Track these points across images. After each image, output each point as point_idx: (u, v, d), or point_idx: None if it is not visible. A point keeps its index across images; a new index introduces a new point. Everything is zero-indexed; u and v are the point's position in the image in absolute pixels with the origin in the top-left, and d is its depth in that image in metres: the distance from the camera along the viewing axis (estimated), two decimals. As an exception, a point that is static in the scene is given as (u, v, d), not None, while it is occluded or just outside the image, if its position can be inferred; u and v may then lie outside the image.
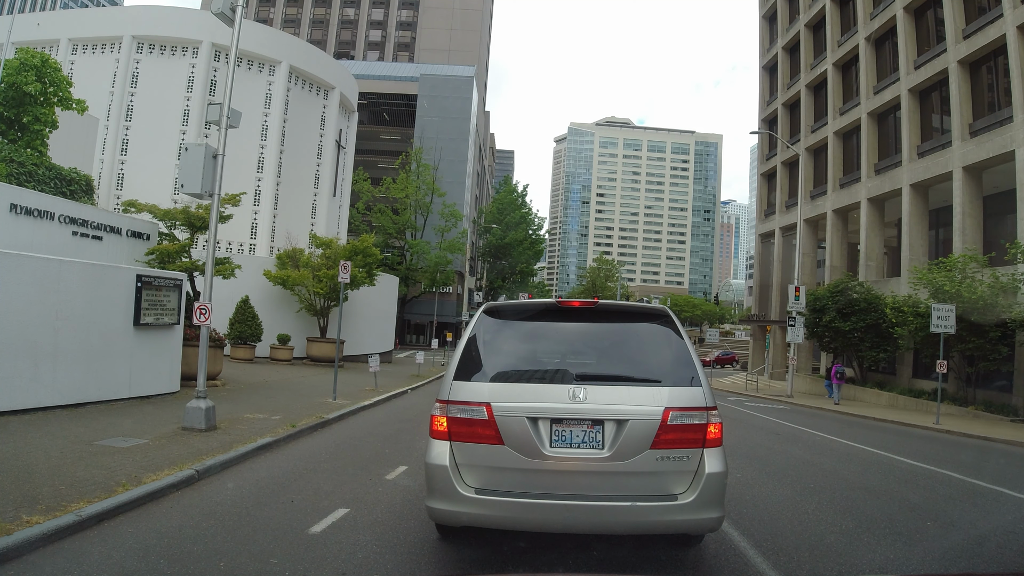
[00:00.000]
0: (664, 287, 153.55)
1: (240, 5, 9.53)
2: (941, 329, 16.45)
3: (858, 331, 23.46)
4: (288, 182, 36.58)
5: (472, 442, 3.94)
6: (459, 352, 4.26)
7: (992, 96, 21.67)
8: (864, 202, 27.32)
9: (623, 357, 4.35)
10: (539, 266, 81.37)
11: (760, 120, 40.20)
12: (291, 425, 9.70)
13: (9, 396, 8.73)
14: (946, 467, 9.49)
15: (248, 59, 34.07)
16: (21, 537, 4.21)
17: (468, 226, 58.78)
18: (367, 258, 25.19)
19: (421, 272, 49.36)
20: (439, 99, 61.85)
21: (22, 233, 11.31)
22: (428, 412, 4.24)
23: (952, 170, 22.11)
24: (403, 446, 9.04)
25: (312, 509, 5.55)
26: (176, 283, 11.89)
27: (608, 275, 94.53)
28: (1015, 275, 17.64)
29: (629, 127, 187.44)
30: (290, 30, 70.05)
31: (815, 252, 33.54)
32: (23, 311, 8.96)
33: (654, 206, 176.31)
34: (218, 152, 9.24)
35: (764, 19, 40.91)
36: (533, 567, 4.38)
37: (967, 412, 18.75)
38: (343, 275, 14.29)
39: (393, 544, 4.72)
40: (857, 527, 5.76)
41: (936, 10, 24.25)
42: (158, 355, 11.53)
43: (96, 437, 7.73)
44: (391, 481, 6.80)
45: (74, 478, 5.80)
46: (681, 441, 3.89)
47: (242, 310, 21.20)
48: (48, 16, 44.15)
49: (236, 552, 4.46)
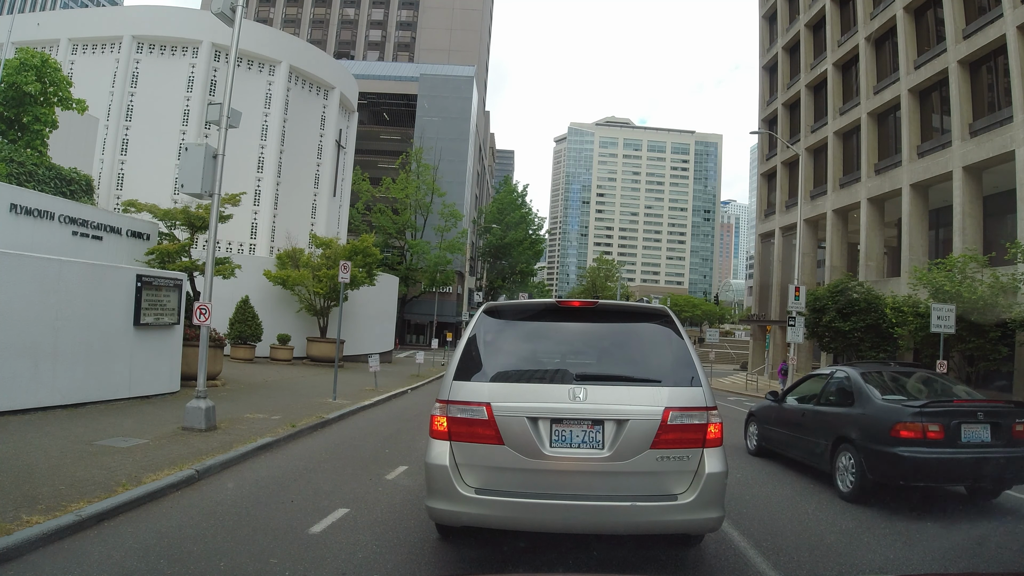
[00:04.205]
0: (664, 287, 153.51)
1: (240, 5, 9.53)
2: (941, 329, 16.44)
3: (858, 331, 23.44)
4: (288, 182, 36.57)
5: (472, 442, 3.94)
6: (459, 352, 4.26)
7: (992, 96, 21.68)
8: (864, 202, 27.32)
9: (623, 357, 4.35)
10: (539, 266, 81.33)
11: (760, 120, 40.20)
12: (291, 425, 9.70)
13: (9, 396, 8.73)
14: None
15: (248, 59, 34.06)
16: (21, 537, 4.21)
17: (468, 226, 58.76)
18: (367, 258, 25.19)
19: (421, 272, 49.35)
20: (439, 99, 61.84)
21: (22, 233, 11.30)
22: (428, 412, 4.24)
23: (952, 170, 22.11)
24: (403, 446, 9.04)
25: (312, 509, 5.55)
26: (176, 283, 11.89)
27: (608, 275, 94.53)
28: (1015, 275, 17.64)
29: (629, 127, 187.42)
30: (290, 30, 70.02)
31: (815, 252, 33.54)
32: (23, 311, 8.96)
33: (654, 206, 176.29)
34: (218, 152, 9.24)
35: (764, 19, 40.91)
36: (533, 567, 4.38)
37: (967, 412, 18.73)
38: (343, 275, 14.29)
39: (393, 544, 4.72)
40: (857, 527, 5.76)
41: (936, 10, 24.24)
42: (158, 355, 11.53)
43: (96, 437, 7.73)
44: (391, 481, 6.81)
45: (74, 478, 5.80)
46: (681, 441, 3.89)
47: (242, 310, 21.20)
48: (48, 16, 44.12)
49: (236, 552, 4.46)
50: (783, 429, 8.81)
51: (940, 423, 6.43)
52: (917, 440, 6.43)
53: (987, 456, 6.43)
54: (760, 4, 41.52)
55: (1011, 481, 6.76)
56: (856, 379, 7.65)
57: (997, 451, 6.45)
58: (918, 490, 7.09)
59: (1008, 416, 6.65)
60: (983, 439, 6.47)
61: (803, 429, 8.24)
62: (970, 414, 6.58)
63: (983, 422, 6.53)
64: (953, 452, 6.39)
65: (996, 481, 6.77)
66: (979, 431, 6.49)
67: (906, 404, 6.84)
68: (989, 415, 6.59)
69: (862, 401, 7.28)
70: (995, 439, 6.48)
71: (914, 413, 6.55)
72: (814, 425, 8.00)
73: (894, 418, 6.63)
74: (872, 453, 6.68)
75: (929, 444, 6.41)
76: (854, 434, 7.04)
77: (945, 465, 6.39)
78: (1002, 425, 6.55)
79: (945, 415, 6.50)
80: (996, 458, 6.43)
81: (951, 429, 6.43)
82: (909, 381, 8.11)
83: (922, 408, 6.58)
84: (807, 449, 8.08)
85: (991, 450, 6.45)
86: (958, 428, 6.45)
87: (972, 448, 6.44)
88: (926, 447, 6.40)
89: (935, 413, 6.51)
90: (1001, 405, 6.92)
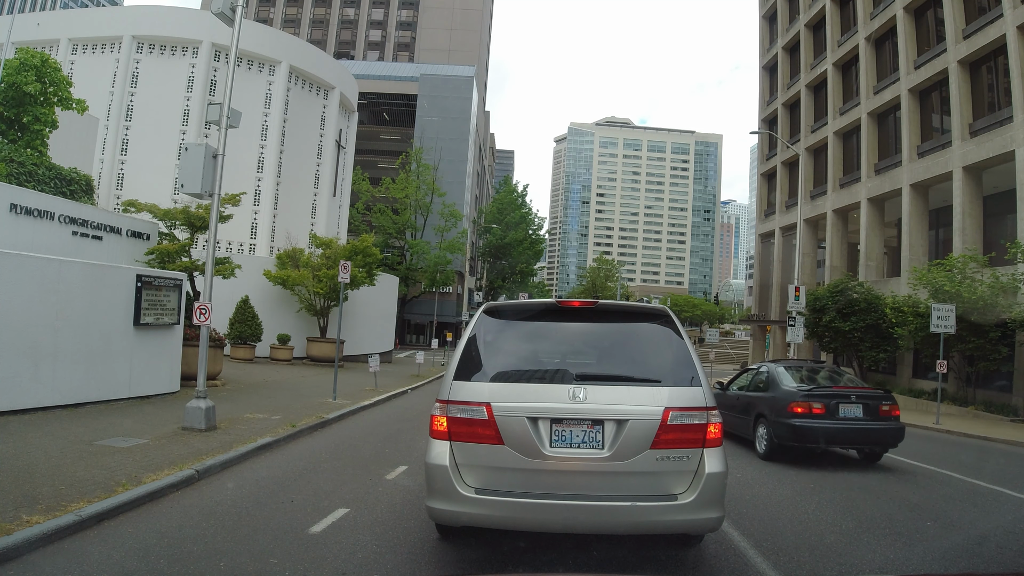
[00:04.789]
0: (664, 287, 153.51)
1: (240, 5, 9.52)
2: (941, 329, 16.44)
3: (858, 331, 23.44)
4: (288, 182, 36.57)
5: (472, 442, 3.94)
6: (459, 352, 4.26)
7: (992, 96, 21.68)
8: (864, 202, 27.32)
9: (623, 357, 4.35)
10: (539, 266, 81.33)
11: (760, 120, 40.20)
12: (291, 425, 9.70)
13: (9, 396, 8.73)
14: (946, 467, 9.50)
15: (248, 59, 34.06)
16: (21, 537, 4.21)
17: (468, 226, 58.74)
18: (367, 258, 25.18)
19: (421, 272, 49.34)
20: (439, 99, 61.83)
21: (22, 233, 11.30)
22: (428, 412, 4.24)
23: (952, 170, 22.11)
24: (403, 446, 9.04)
25: (312, 509, 5.55)
26: (176, 283, 11.89)
27: (608, 275, 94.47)
28: (1015, 275, 17.64)
29: (629, 127, 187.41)
30: (290, 30, 70.02)
31: (815, 252, 33.54)
32: (23, 311, 8.96)
33: (654, 206, 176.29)
34: (218, 152, 9.24)
35: (764, 19, 40.91)
36: (533, 567, 4.38)
37: (967, 412, 18.75)
38: (343, 275, 14.29)
39: (393, 544, 4.72)
40: (857, 527, 5.76)
41: (936, 10, 24.24)
42: (158, 355, 11.53)
43: (96, 437, 7.73)
44: (391, 481, 6.81)
45: (74, 478, 5.80)
46: (681, 441, 3.89)
47: (242, 310, 21.19)
48: (48, 16, 44.11)
49: (236, 552, 4.46)
50: (726, 411, 10.29)
51: (823, 403, 8.77)
52: (805, 414, 8.69)
53: (858, 427, 8.83)
54: (760, 4, 41.52)
55: (881, 446, 9.19)
56: (772, 371, 10.03)
57: (866, 424, 8.86)
58: (918, 490, 7.59)
59: (876, 399, 9.02)
60: (856, 415, 8.86)
61: (738, 410, 10.41)
62: (845, 396, 8.95)
63: (856, 403, 8.89)
64: (832, 423, 8.74)
65: (869, 445, 9.20)
66: (853, 409, 8.88)
67: (800, 389, 9.07)
68: (861, 398, 8.98)
69: (773, 387, 9.62)
70: (865, 415, 8.88)
71: (804, 395, 8.85)
72: (744, 406, 10.24)
73: (790, 399, 8.90)
74: (776, 424, 8.96)
75: (814, 417, 8.68)
76: (766, 411, 9.33)
77: (827, 432, 8.70)
78: (871, 405, 8.93)
79: (827, 397, 8.86)
80: (866, 429, 8.86)
81: (831, 407, 8.78)
82: (816, 375, 10.40)
83: (810, 392, 8.95)
84: (740, 424, 10.19)
85: (862, 423, 8.85)
86: (836, 406, 8.80)
87: (847, 421, 8.81)
88: (812, 419, 8.66)
89: (819, 395, 8.89)
90: (870, 391, 9.30)
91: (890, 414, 9.03)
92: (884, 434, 8.93)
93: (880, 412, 8.94)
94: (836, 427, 8.69)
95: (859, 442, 9.09)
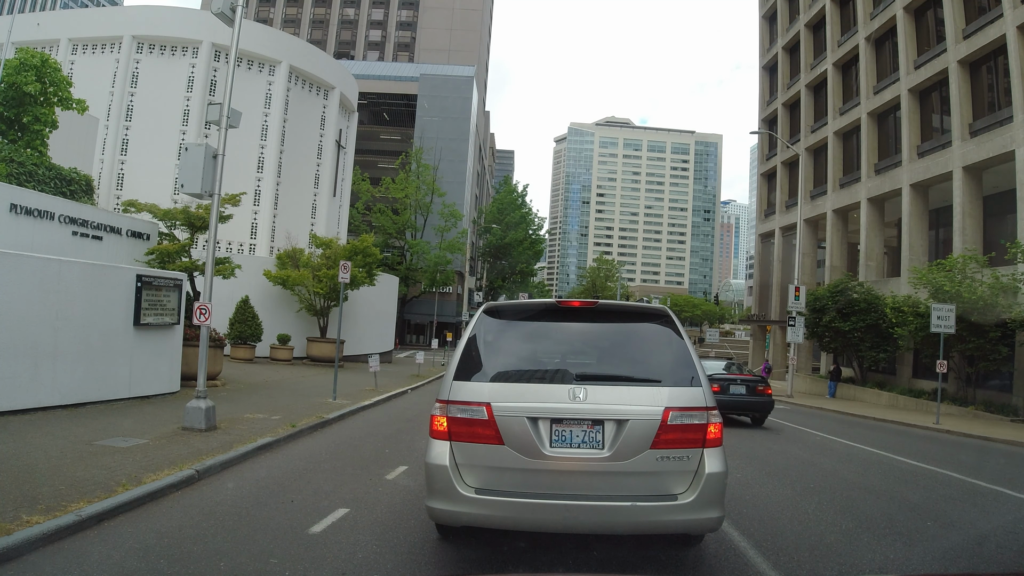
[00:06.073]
0: (664, 287, 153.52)
1: (240, 5, 9.52)
2: (941, 329, 16.44)
3: (858, 331, 23.45)
4: (288, 182, 36.57)
5: (472, 442, 3.94)
6: (459, 352, 4.25)
7: (992, 96, 21.68)
8: (864, 202, 27.32)
9: (623, 357, 4.34)
10: (539, 266, 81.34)
11: (760, 120, 40.21)
12: (291, 425, 9.70)
13: (9, 396, 8.73)
14: (946, 467, 9.50)
15: (248, 59, 34.05)
16: (21, 537, 4.21)
17: (468, 226, 58.75)
18: (367, 258, 25.18)
19: (421, 272, 49.34)
20: (439, 99, 61.83)
21: (22, 233, 11.31)
22: (428, 412, 4.24)
23: (952, 170, 22.11)
24: (403, 446, 9.03)
25: (312, 509, 5.54)
26: (176, 283, 11.89)
27: (608, 275, 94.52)
28: (1015, 275, 17.64)
29: (629, 127, 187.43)
30: (290, 30, 70.02)
31: (815, 252, 33.54)
32: (23, 311, 8.96)
33: (654, 206, 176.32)
34: (218, 152, 9.23)
35: (764, 19, 40.92)
36: (533, 567, 4.37)
37: (967, 412, 18.75)
38: (343, 275, 14.29)
39: (393, 544, 4.72)
40: (857, 527, 5.76)
41: (936, 10, 24.25)
42: (158, 355, 11.52)
43: (96, 437, 7.73)
44: (391, 481, 6.80)
45: (74, 478, 5.80)
46: (681, 441, 3.89)
47: (242, 310, 21.18)
48: (48, 16, 44.11)
49: (236, 552, 4.46)
50: None
51: (719, 384, 13.24)
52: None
53: (742, 400, 13.83)
54: (760, 4, 41.53)
55: (760, 414, 14.07)
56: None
57: (748, 399, 13.85)
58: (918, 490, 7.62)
59: (754, 383, 14.12)
60: (741, 393, 13.83)
61: None
62: (734, 380, 13.94)
63: (740, 385, 13.90)
64: (726, 397, 13.28)
65: (748, 412, 14.10)
66: (739, 388, 13.88)
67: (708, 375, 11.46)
68: (744, 382, 14.04)
69: None
70: (748, 393, 13.86)
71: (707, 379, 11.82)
72: None
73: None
74: None
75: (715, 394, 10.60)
76: None
77: (722, 403, 10.43)
78: (751, 386, 13.98)
79: (722, 381, 13.57)
80: (747, 401, 13.87)
81: (724, 387, 13.49)
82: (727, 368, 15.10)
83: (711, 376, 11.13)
84: None
85: (744, 398, 13.83)
86: (728, 386, 13.63)
87: (735, 396, 13.71)
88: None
89: (717, 379, 13.23)
90: (751, 378, 14.57)
91: (764, 392, 13.94)
92: (759, 404, 13.92)
93: (757, 391, 13.90)
94: (729, 400, 13.43)
95: (743, 409, 14.01)
